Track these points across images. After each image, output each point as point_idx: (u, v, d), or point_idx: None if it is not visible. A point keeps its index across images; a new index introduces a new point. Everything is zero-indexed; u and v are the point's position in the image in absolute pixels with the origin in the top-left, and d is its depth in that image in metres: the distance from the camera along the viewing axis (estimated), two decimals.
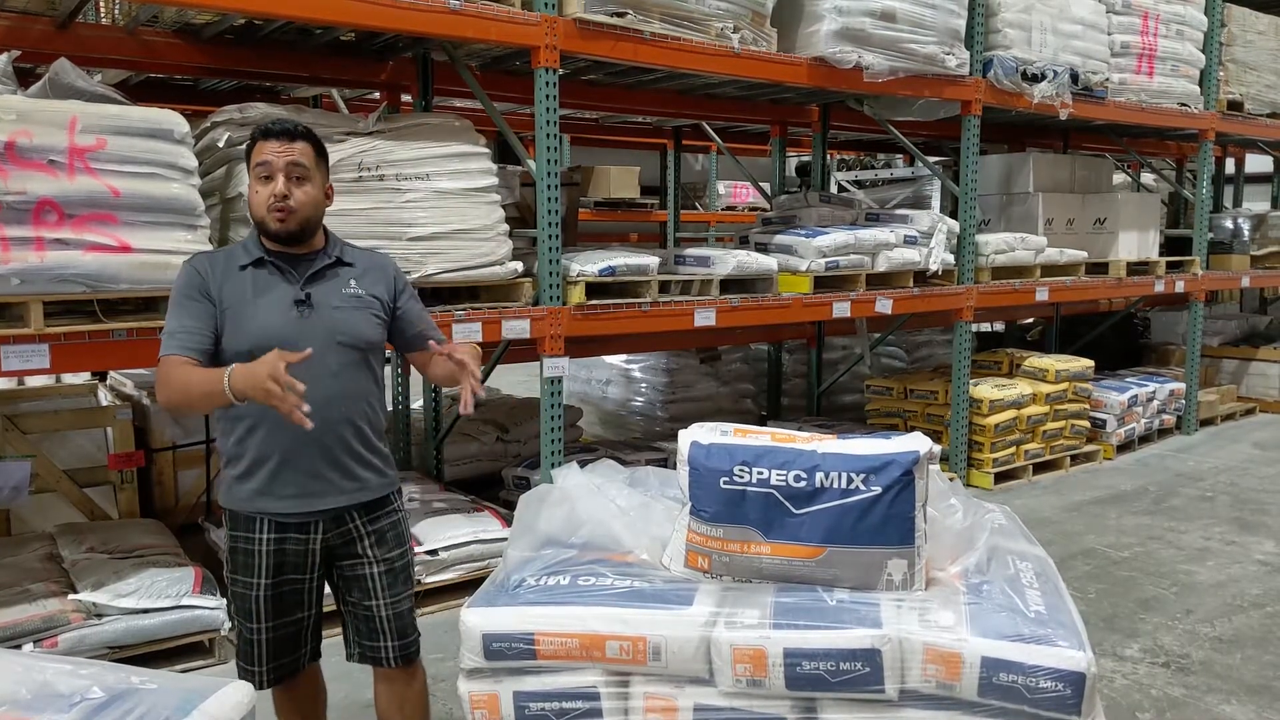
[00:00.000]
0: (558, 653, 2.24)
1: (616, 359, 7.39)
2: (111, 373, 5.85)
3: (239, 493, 2.43)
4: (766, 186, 7.84)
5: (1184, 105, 7.36)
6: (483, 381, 2.42)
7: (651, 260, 4.68)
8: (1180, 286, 7.73)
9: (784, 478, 2.28)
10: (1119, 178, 9.78)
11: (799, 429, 2.82)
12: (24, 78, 3.76)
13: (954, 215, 6.22)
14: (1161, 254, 7.88)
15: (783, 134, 7.53)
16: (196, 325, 2.35)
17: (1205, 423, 8.20)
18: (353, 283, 2.48)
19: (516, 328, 4.17)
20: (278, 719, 2.65)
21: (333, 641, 2.62)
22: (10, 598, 3.53)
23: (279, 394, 2.07)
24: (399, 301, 2.57)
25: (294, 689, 2.60)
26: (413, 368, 2.79)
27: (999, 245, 6.37)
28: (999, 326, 10.52)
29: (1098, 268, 7.26)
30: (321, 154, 2.47)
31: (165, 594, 3.66)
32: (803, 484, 2.27)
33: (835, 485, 2.27)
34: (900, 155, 11.16)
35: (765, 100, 6.69)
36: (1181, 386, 7.91)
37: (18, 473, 4.49)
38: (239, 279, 2.39)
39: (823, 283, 5.43)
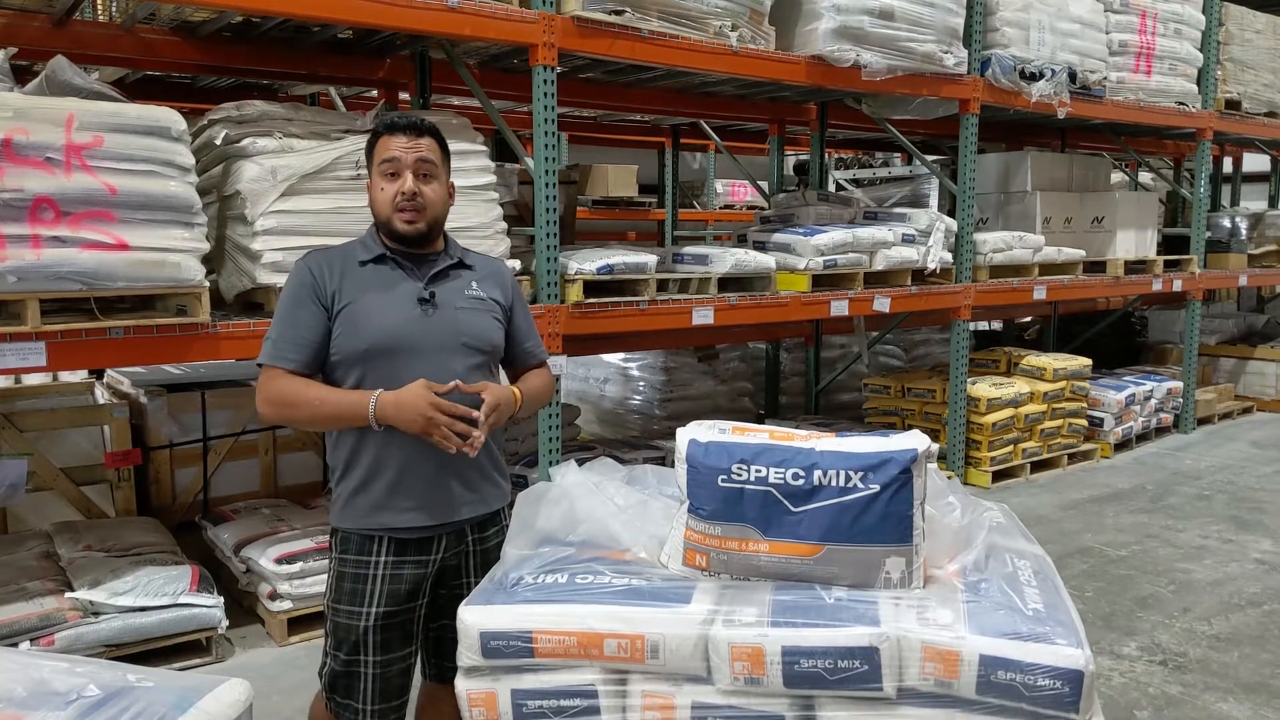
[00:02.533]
0: (555, 651, 2.23)
1: (614, 357, 7.39)
2: (108, 371, 5.84)
3: (355, 508, 2.28)
4: (764, 185, 7.84)
5: (1182, 104, 7.37)
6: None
7: (649, 259, 4.68)
8: (1178, 285, 7.74)
9: (782, 476, 2.28)
10: (1117, 177, 9.79)
11: (797, 427, 2.82)
12: (21, 75, 3.75)
13: (952, 214, 6.23)
14: (1159, 253, 7.89)
15: (781, 132, 7.53)
16: (299, 334, 2.23)
17: (1203, 421, 8.21)
18: (474, 284, 2.37)
19: None
20: None
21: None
22: (7, 596, 3.52)
23: (443, 422, 2.06)
24: (514, 313, 2.46)
25: None
26: None
27: (997, 244, 6.37)
28: (997, 325, 10.53)
29: (1095, 266, 7.27)
30: (446, 151, 2.36)
31: (162, 592, 3.65)
32: (801, 482, 2.27)
33: (833, 483, 2.26)
34: (898, 154, 11.16)
35: (763, 98, 6.69)
36: (1179, 385, 7.92)
37: (14, 471, 4.48)
38: (358, 275, 2.28)
39: (821, 281, 5.43)
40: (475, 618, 2.28)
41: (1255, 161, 11.81)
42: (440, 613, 2.43)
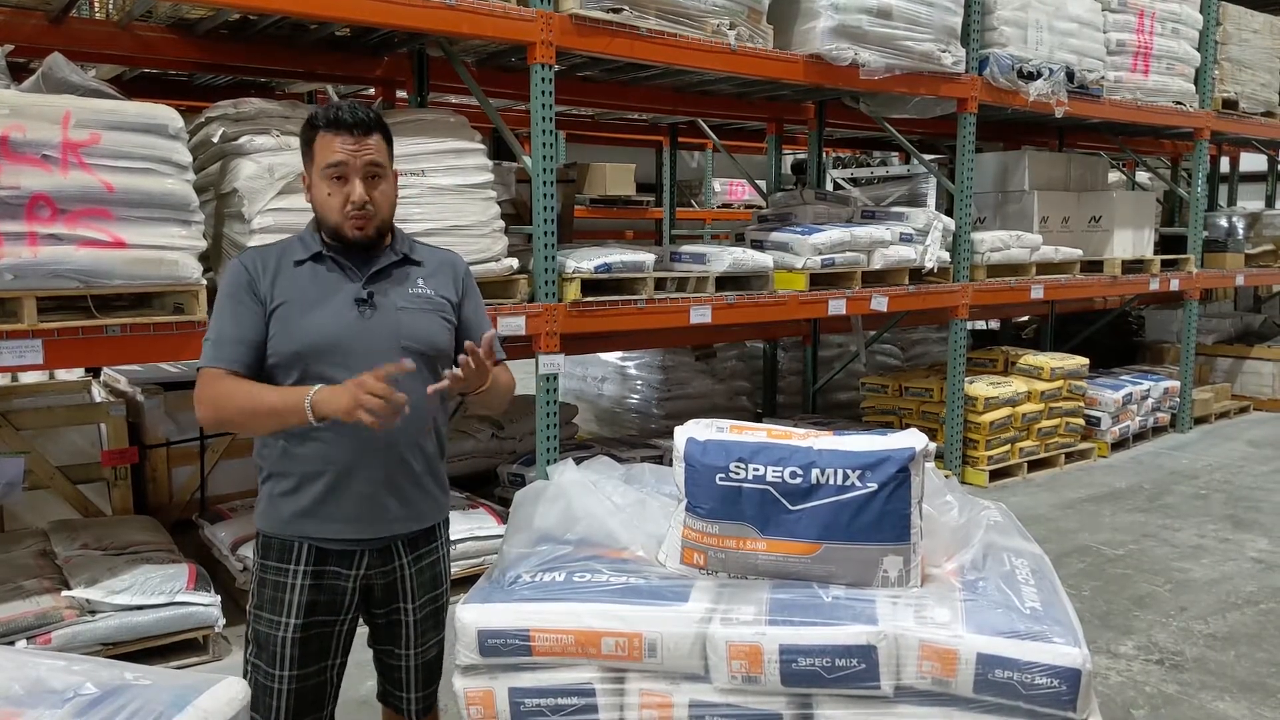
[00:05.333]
0: (553, 649, 2.23)
1: (612, 356, 7.39)
2: (105, 369, 5.83)
3: (278, 513, 2.17)
4: (762, 184, 7.84)
5: (1179, 104, 7.37)
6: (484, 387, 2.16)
7: (647, 257, 4.68)
8: (1175, 285, 7.75)
9: (780, 474, 2.28)
10: (1114, 176, 9.79)
11: (794, 426, 2.82)
12: (18, 72, 3.75)
13: (949, 213, 6.23)
14: (1156, 252, 7.89)
15: (779, 131, 7.53)
16: (239, 332, 2.11)
17: (1199, 421, 8.22)
18: (421, 282, 2.23)
19: (512, 324, 4.16)
20: None
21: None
22: (4, 594, 3.52)
23: (373, 403, 1.89)
24: (463, 306, 2.31)
25: None
26: None
27: (994, 243, 6.38)
28: (994, 324, 10.54)
29: (1093, 266, 7.27)
30: (390, 140, 2.21)
31: (159, 591, 3.65)
32: (799, 480, 2.27)
33: (831, 481, 2.27)
34: (896, 153, 11.17)
35: (761, 97, 6.69)
36: (1176, 384, 7.92)
37: (11, 469, 4.48)
38: (294, 275, 2.15)
39: (818, 280, 5.42)
40: (472, 616, 2.28)
41: (1252, 161, 11.83)
42: (379, 638, 2.33)
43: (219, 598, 3.78)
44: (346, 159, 2.09)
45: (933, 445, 2.48)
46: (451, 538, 4.32)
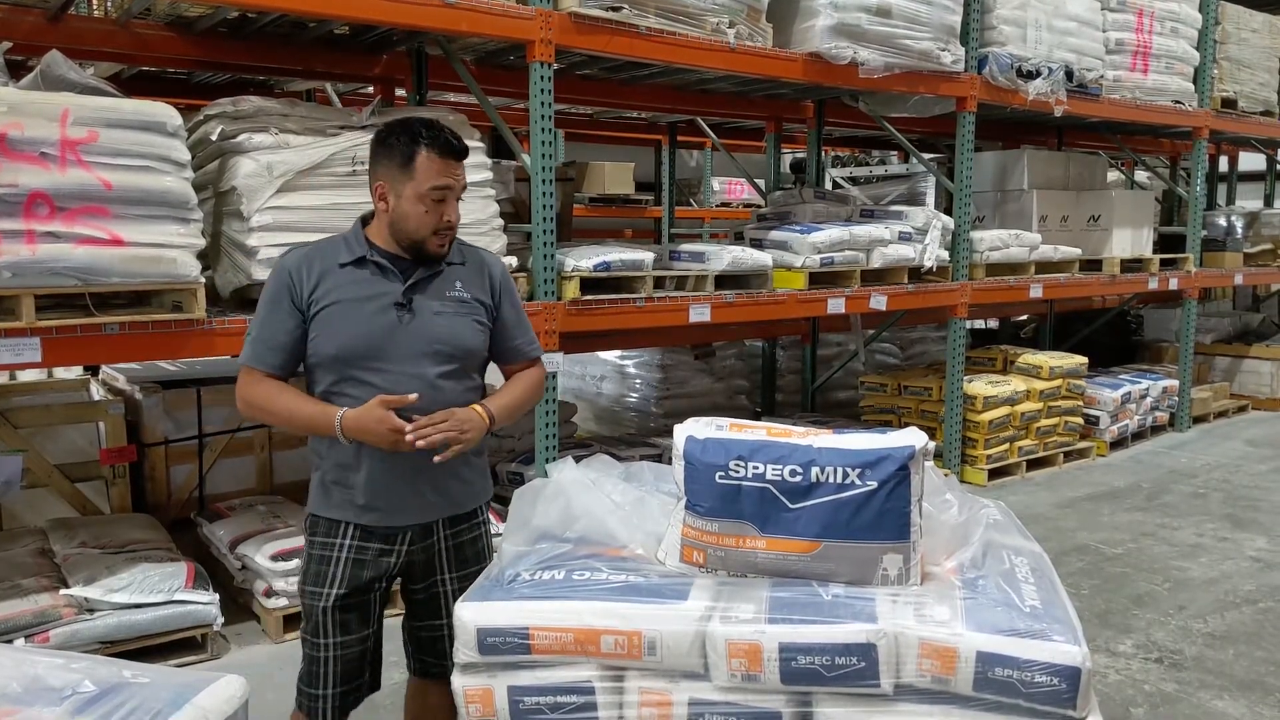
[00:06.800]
0: (552, 647, 2.23)
1: (611, 355, 7.39)
2: (103, 367, 5.83)
3: (328, 498, 2.33)
4: (761, 183, 7.84)
5: (1178, 103, 7.37)
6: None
7: (646, 256, 4.68)
8: (1174, 284, 7.75)
9: (780, 472, 2.27)
10: (1113, 175, 9.79)
11: (794, 425, 2.82)
12: (16, 70, 3.74)
13: (949, 212, 6.23)
14: (1155, 251, 7.90)
15: (778, 130, 7.52)
16: (275, 337, 2.25)
17: (1198, 420, 8.23)
18: (458, 284, 2.33)
19: None
20: None
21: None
22: (2, 592, 3.52)
23: (405, 445, 2.09)
24: (499, 308, 2.42)
25: None
26: None
27: (993, 242, 6.38)
28: (993, 323, 10.54)
29: (1092, 265, 7.28)
30: None
31: (158, 589, 3.65)
32: (798, 479, 2.27)
33: (831, 480, 2.26)
34: (895, 152, 11.18)
35: (760, 96, 6.69)
36: (1174, 384, 7.93)
37: (9, 467, 4.47)
38: (337, 277, 2.26)
39: (817, 279, 5.43)
40: (472, 614, 2.27)
41: (1251, 160, 11.83)
42: (417, 613, 2.46)
43: (217, 596, 3.78)
44: (451, 184, 2.24)
45: (932, 444, 2.48)
46: None
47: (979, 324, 10.53)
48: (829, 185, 8.78)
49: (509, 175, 5.24)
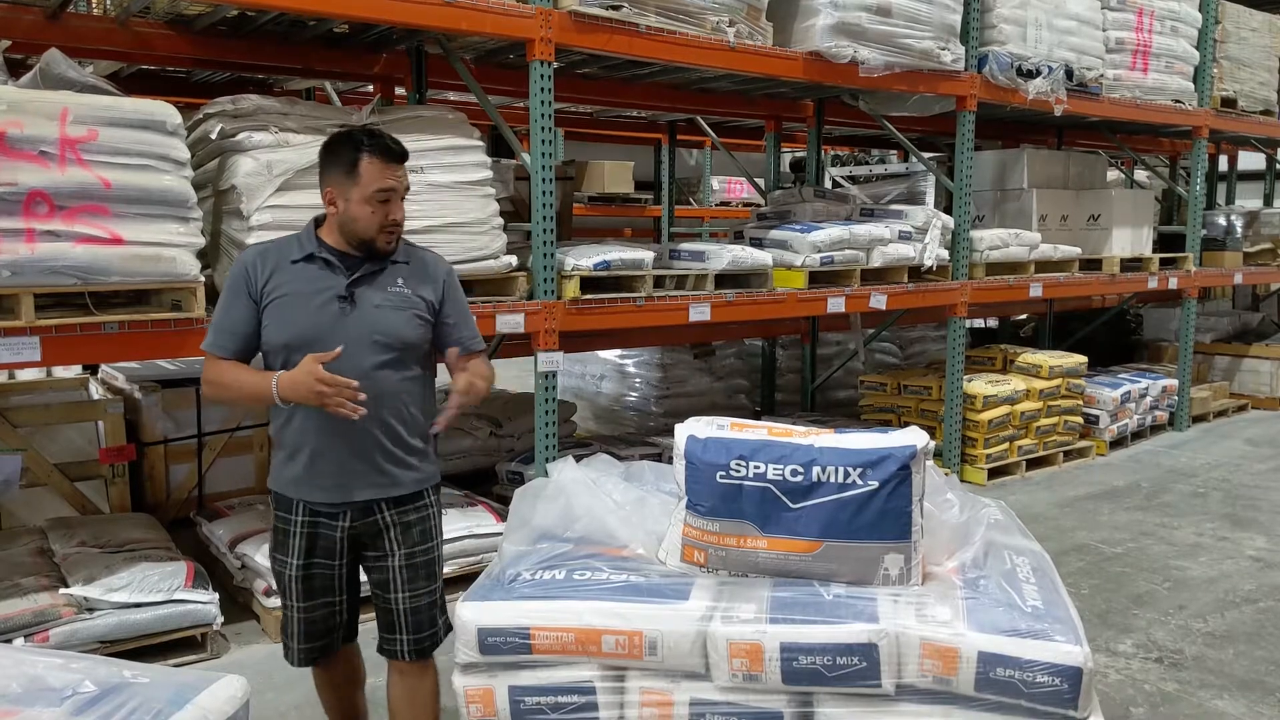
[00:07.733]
0: (553, 647, 2.23)
1: (611, 354, 7.38)
2: (103, 366, 5.82)
3: (282, 476, 2.52)
4: (761, 182, 7.84)
5: (1178, 102, 7.37)
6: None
7: (646, 255, 4.67)
8: (1173, 283, 7.75)
9: (780, 472, 2.27)
10: (1113, 174, 9.79)
11: (794, 424, 2.81)
12: (15, 68, 3.73)
13: (948, 211, 6.22)
14: (1155, 250, 7.90)
15: (777, 129, 7.52)
16: (231, 324, 2.44)
17: (1198, 419, 8.23)
18: (400, 281, 2.50)
19: (510, 322, 4.16)
20: (319, 696, 2.77)
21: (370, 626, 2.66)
22: (1, 592, 3.51)
23: (329, 393, 2.23)
24: (443, 306, 2.58)
25: (329, 669, 2.70)
26: None
27: (993, 241, 6.37)
28: (993, 322, 10.53)
29: (1091, 264, 7.28)
30: None
31: (157, 588, 3.64)
32: (799, 478, 2.27)
33: (832, 479, 2.26)
34: (895, 151, 11.17)
35: (760, 95, 6.68)
36: (1174, 383, 7.92)
37: (8, 467, 4.46)
38: (289, 272, 2.44)
39: (817, 278, 5.42)
40: (472, 614, 2.28)
41: (1251, 159, 11.83)
42: (376, 585, 2.59)
43: (217, 595, 3.77)
44: (395, 185, 2.43)
45: (933, 443, 2.47)
46: (450, 536, 4.36)
47: (979, 323, 10.54)
48: (829, 184, 8.78)
49: (509, 174, 5.23)
